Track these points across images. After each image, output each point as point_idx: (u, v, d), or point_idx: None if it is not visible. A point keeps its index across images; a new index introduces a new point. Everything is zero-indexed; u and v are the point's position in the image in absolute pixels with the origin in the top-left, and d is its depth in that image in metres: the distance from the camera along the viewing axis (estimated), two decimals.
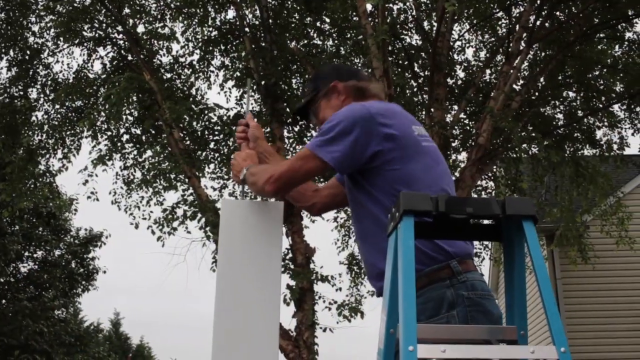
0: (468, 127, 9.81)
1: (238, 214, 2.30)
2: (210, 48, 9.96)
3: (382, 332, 1.75)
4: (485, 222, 1.89)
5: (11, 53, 10.13)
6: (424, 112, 9.08)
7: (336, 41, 9.92)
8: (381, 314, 1.77)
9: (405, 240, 1.69)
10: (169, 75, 9.77)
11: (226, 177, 9.32)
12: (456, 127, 9.32)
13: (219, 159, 9.27)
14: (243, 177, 2.38)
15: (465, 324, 1.96)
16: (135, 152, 9.63)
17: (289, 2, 9.69)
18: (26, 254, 18.92)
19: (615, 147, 10.13)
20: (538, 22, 9.04)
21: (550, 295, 1.64)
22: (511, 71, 8.63)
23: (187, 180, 8.59)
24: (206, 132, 9.24)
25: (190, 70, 9.96)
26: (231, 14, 9.98)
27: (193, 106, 8.96)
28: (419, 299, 1.99)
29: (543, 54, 10.09)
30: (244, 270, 2.23)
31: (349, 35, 9.85)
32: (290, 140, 10.11)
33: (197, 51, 9.99)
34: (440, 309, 1.98)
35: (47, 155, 10.04)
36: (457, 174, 8.66)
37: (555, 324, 1.59)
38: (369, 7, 7.98)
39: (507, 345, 1.64)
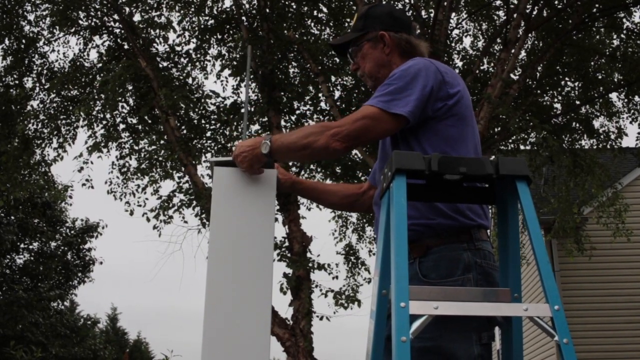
0: None
1: (231, 182, 2.26)
2: (207, 37, 9.92)
3: (375, 294, 1.72)
4: (479, 184, 1.87)
5: (6, 42, 10.06)
6: None
7: (333, 29, 9.88)
8: (374, 276, 1.74)
9: (397, 200, 1.65)
10: (165, 64, 9.72)
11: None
12: None
13: (215, 147, 9.23)
14: (268, 149, 2.08)
15: None
16: (131, 141, 9.59)
17: None
18: (22, 245, 18.86)
19: (612, 136, 10.10)
20: (536, 10, 9.00)
21: (544, 255, 1.61)
22: (509, 58, 8.59)
23: (183, 168, 8.56)
24: (202, 121, 9.20)
25: (187, 59, 9.92)
26: (228, 2, 9.95)
27: (189, 94, 8.92)
28: (430, 256, 1.97)
29: (541, 43, 10.05)
30: (236, 238, 2.21)
31: (346, 24, 9.80)
32: (288, 130, 10.08)
33: (194, 40, 9.96)
34: (456, 270, 1.93)
35: (43, 145, 10.00)
36: None
37: (549, 282, 1.56)
38: None
39: (500, 303, 1.61)
